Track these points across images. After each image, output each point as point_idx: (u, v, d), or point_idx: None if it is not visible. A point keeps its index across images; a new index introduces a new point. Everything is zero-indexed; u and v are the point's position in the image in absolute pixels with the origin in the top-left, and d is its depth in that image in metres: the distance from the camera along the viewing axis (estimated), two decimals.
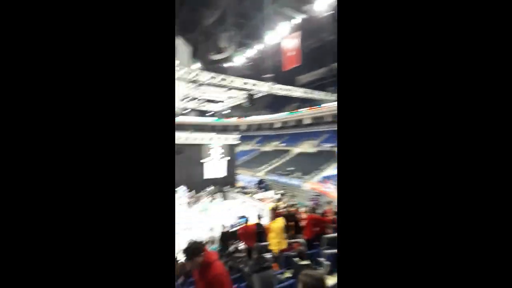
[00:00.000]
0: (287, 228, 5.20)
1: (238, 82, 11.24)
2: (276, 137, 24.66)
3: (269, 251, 4.27)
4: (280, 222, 4.36)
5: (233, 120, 26.20)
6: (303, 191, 14.50)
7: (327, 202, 7.14)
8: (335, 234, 4.12)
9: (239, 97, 12.25)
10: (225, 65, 19.98)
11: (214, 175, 13.42)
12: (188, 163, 12.44)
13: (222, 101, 13.22)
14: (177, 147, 11.96)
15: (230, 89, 11.19)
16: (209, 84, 10.97)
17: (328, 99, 17.65)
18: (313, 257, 3.95)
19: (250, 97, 10.59)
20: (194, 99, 12.33)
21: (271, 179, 17.38)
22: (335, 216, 5.39)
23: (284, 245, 4.27)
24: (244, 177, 17.73)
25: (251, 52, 20.20)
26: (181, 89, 10.62)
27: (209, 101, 13.57)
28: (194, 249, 1.49)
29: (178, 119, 16.89)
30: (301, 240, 4.25)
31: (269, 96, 18.47)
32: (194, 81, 10.11)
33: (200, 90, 11.09)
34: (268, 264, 2.92)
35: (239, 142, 15.46)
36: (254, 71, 19.96)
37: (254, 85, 11.70)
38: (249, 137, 26.75)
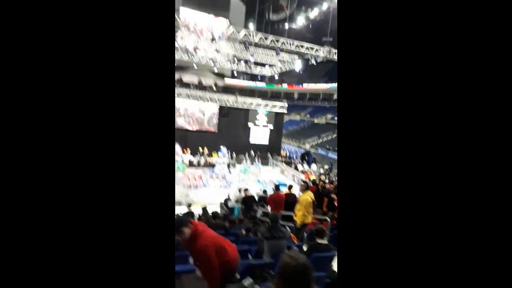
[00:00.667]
0: (319, 204, 4.95)
1: (292, 45, 10.39)
2: (331, 110, 23.02)
3: (293, 221, 4.15)
4: (308, 196, 4.08)
5: (285, 87, 25.30)
6: None
7: None
8: None
9: (293, 62, 11.44)
10: (285, 26, 18.65)
11: (259, 141, 13.53)
12: (233, 126, 12.72)
13: (274, 65, 12.60)
14: (224, 109, 12.35)
15: (283, 52, 10.47)
16: (260, 46, 10.44)
17: None
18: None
19: (304, 62, 9.76)
20: (244, 61, 12.01)
21: (318, 153, 16.72)
22: None
23: (309, 219, 4.05)
24: (290, 147, 17.50)
25: (315, 12, 18.21)
26: (231, 50, 10.40)
27: (259, 64, 13.10)
28: (181, 222, 1.58)
29: (227, 81, 17.07)
30: (328, 218, 3.94)
31: (330, 63, 16.89)
32: (244, 42, 9.69)
33: (250, 52, 10.66)
34: (281, 234, 2.79)
35: (286, 112, 14.93)
36: (317, 33, 18.21)
37: (309, 48, 10.69)
38: (301, 106, 25.66)
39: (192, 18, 10.00)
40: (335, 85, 23.34)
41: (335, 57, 11.47)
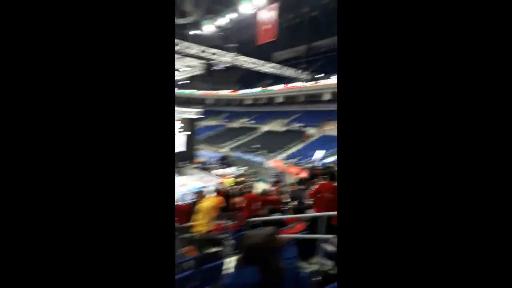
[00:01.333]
0: (226, 208, 4.94)
1: (196, 49, 10.23)
2: (246, 114, 24.08)
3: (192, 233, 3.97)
4: (209, 201, 3.98)
5: (199, 93, 25.03)
6: (266, 168, 14.45)
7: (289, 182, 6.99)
8: (264, 218, 3.90)
9: (199, 67, 11.30)
10: (191, 32, 18.32)
11: None
12: None
13: (178, 70, 12.15)
14: None
15: (188, 56, 10.19)
16: None
17: (300, 78, 17.19)
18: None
19: (208, 67, 9.75)
20: None
21: (235, 155, 17.12)
22: (281, 196, 5.22)
23: (211, 226, 3.94)
24: (207, 153, 17.27)
25: (223, 21, 18.63)
26: None
27: None
28: None
29: None
30: (227, 222, 3.94)
31: (241, 70, 17.51)
32: None
33: None
34: None
35: (202, 116, 14.71)
36: (225, 42, 18.63)
37: (215, 54, 10.77)
38: (216, 112, 25.83)
39: None
40: (246, 91, 24.58)
41: (242, 63, 11.92)
